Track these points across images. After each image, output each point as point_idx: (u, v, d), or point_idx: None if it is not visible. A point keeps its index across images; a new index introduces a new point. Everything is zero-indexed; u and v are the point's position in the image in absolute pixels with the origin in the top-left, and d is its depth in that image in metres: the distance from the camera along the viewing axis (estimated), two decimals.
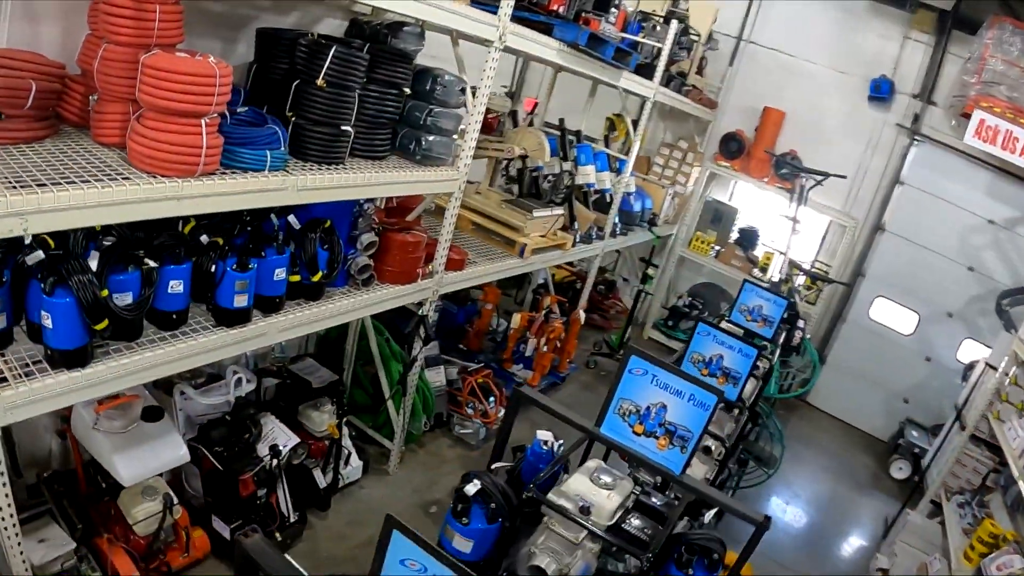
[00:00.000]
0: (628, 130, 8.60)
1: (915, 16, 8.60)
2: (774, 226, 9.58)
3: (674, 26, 6.81)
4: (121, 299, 2.96)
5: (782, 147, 9.35)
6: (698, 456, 4.18)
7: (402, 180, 4.21)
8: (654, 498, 3.48)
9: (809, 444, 8.76)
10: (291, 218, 3.79)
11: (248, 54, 4.04)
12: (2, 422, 2.70)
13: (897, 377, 9.18)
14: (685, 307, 10.02)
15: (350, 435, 5.41)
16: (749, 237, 9.76)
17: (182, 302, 3.30)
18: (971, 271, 8.67)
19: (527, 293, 9.11)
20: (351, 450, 5.24)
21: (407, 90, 4.18)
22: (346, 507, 5.07)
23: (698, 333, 4.62)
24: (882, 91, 8.82)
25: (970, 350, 8.61)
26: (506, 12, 4.30)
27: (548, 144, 6.37)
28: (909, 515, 6.39)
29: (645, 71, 6.85)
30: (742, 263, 9.57)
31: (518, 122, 7.33)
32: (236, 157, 3.17)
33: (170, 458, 3.73)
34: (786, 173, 8.97)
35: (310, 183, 3.49)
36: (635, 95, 7.08)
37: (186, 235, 3.39)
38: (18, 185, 2.49)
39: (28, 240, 2.83)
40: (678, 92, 8.13)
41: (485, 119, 7.04)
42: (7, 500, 2.89)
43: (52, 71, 2.99)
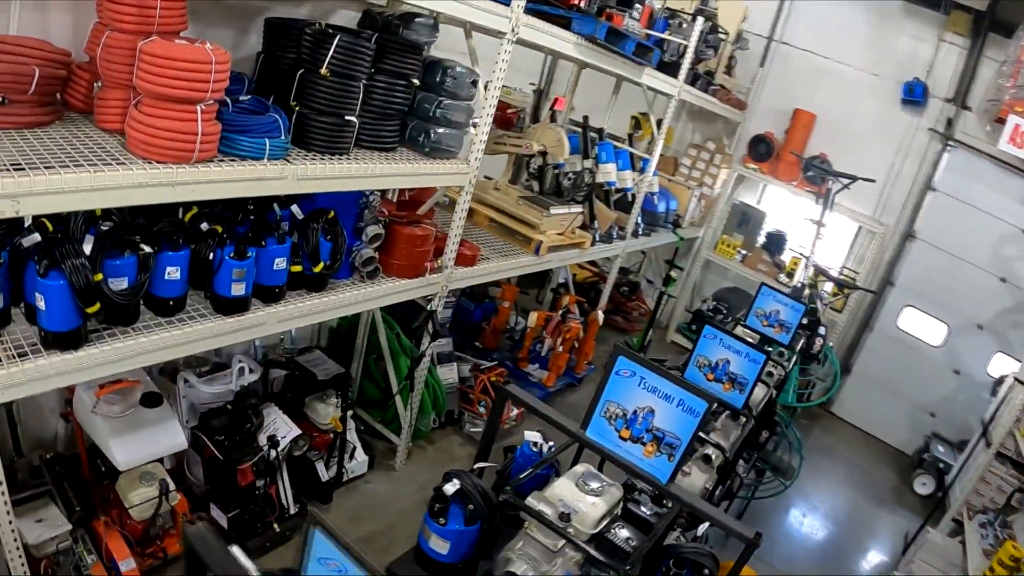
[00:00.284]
0: (652, 129, 8.47)
1: (950, 18, 8.31)
2: (802, 231, 9.34)
3: (700, 23, 6.65)
4: (117, 284, 2.97)
5: (812, 150, 9.13)
6: (697, 465, 4.07)
7: (408, 172, 4.16)
8: (644, 508, 3.35)
9: (831, 455, 8.55)
10: (294, 208, 3.78)
11: (259, 44, 4.03)
12: None
13: (924, 389, 8.90)
14: (709, 311, 9.81)
15: (358, 429, 5.40)
16: (776, 242, 9.59)
17: (179, 289, 3.31)
18: (1003, 282, 8.37)
19: (547, 292, 9.04)
20: (356, 444, 5.21)
21: (416, 81, 4.13)
22: (349, 501, 5.05)
23: (704, 336, 4.45)
24: (915, 94, 8.55)
25: (1001, 364, 8.30)
26: (519, 3, 4.23)
27: (568, 141, 6.28)
28: (929, 533, 6.17)
29: (670, 69, 6.72)
30: (768, 268, 9.36)
31: (539, 118, 7.26)
32: (234, 145, 3.16)
33: (167, 444, 3.75)
34: (813, 176, 8.76)
35: (311, 172, 3.46)
36: (658, 92, 6.94)
37: (186, 222, 3.39)
38: (14, 168, 2.50)
39: (28, 223, 2.87)
40: (704, 91, 7.97)
41: (504, 114, 7.04)
42: None
43: (56, 58, 3.03)
